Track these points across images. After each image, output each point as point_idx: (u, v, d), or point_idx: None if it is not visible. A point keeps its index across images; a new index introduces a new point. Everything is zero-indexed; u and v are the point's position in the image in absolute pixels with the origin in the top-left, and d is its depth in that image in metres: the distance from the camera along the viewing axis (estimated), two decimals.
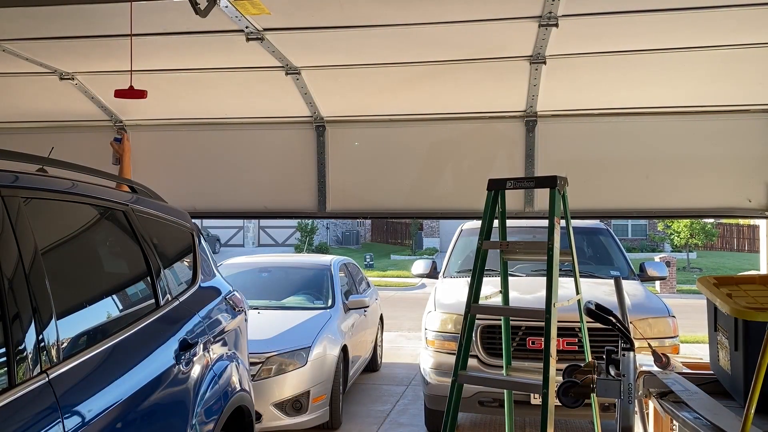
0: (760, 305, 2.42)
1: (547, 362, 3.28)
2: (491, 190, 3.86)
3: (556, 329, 3.39)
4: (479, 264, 3.76)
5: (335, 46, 3.85)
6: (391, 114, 4.80)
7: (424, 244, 33.85)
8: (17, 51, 3.90)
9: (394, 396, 7.64)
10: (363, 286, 8.89)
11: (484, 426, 6.34)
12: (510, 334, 4.34)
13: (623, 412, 2.59)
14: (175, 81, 4.38)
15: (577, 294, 4.01)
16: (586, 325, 4.07)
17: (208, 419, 3.08)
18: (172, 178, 4.95)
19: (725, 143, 4.51)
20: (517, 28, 3.53)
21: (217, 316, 3.57)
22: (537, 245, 4.21)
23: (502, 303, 4.19)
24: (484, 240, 3.80)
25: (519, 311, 4.66)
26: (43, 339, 2.08)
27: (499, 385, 4.43)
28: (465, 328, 3.68)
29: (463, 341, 3.66)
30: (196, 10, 2.95)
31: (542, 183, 3.79)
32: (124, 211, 2.97)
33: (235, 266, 8.00)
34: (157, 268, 3.04)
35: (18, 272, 2.06)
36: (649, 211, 4.75)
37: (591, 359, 2.98)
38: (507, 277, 4.21)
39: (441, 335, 5.70)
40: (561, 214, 3.69)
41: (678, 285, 19.82)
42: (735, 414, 2.39)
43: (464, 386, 3.70)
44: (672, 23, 3.43)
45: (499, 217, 3.97)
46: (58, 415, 2.02)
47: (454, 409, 3.61)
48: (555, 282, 3.44)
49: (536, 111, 4.58)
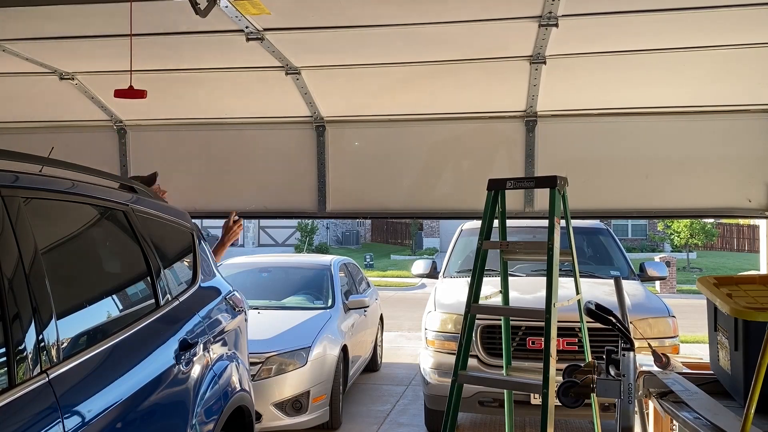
0: (760, 305, 2.42)
1: (547, 362, 3.28)
2: (491, 190, 3.86)
3: (556, 329, 3.39)
4: (479, 264, 3.76)
5: (335, 46, 3.85)
6: (391, 114, 4.80)
7: (424, 244, 33.87)
8: (17, 51, 3.90)
9: (394, 396, 7.64)
10: (363, 286, 8.89)
11: (484, 426, 6.34)
12: (510, 334, 4.34)
13: (623, 412, 2.59)
14: (175, 81, 4.38)
15: (577, 294, 4.01)
16: (586, 325, 4.07)
17: (208, 419, 3.08)
18: (172, 179, 4.95)
19: (725, 143, 4.51)
20: (517, 28, 3.53)
21: (217, 316, 3.57)
22: (537, 245, 4.21)
23: (502, 303, 4.19)
24: (484, 240, 3.80)
25: (519, 311, 4.66)
26: (43, 339, 2.08)
27: (499, 385, 4.43)
28: (465, 328, 3.68)
29: (463, 341, 3.66)
30: (196, 10, 2.95)
31: (542, 183, 3.80)
32: (124, 211, 2.97)
33: (235, 266, 8.00)
34: (157, 268, 3.04)
35: (18, 272, 2.06)
36: (649, 211, 4.75)
37: (591, 359, 2.98)
38: (507, 277, 4.21)
39: (441, 335, 5.70)
40: (561, 214, 3.69)
41: (678, 285, 19.83)
42: (735, 414, 2.39)
43: (464, 386, 3.71)
44: (672, 23, 3.43)
45: (499, 217, 3.97)
46: (58, 415, 2.01)
47: (454, 409, 3.61)
48: (555, 282, 3.44)
49: (536, 111, 4.58)
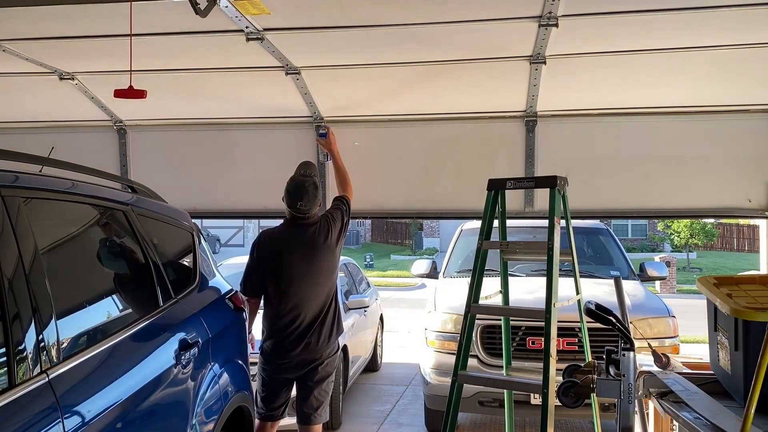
0: (760, 305, 2.42)
1: (547, 362, 3.28)
2: (491, 190, 3.86)
3: (556, 329, 3.39)
4: (479, 264, 3.76)
5: (335, 46, 3.85)
6: (391, 114, 4.80)
7: (424, 244, 33.87)
8: (17, 51, 3.90)
9: (394, 396, 7.64)
10: (363, 286, 8.89)
11: (484, 426, 6.34)
12: (510, 334, 4.34)
13: (623, 412, 2.59)
14: (175, 81, 4.38)
15: (577, 294, 4.01)
16: (586, 325, 4.07)
17: (208, 419, 3.08)
18: (173, 179, 4.95)
19: (725, 143, 4.51)
20: (517, 28, 3.53)
21: (217, 315, 3.57)
22: (537, 245, 4.21)
23: (502, 303, 4.19)
24: (484, 240, 3.80)
25: (519, 311, 4.66)
26: (43, 339, 2.08)
27: (499, 385, 4.42)
28: (465, 328, 3.68)
29: (463, 341, 3.66)
30: (196, 10, 2.95)
31: (542, 183, 3.80)
32: (123, 211, 2.97)
33: (235, 266, 7.99)
34: (157, 268, 3.04)
35: (18, 272, 2.06)
36: (649, 211, 4.75)
37: (591, 359, 2.98)
38: (507, 277, 4.20)
39: (441, 335, 5.70)
40: (561, 214, 3.69)
41: (678, 285, 19.83)
42: (735, 414, 2.39)
43: (464, 386, 3.71)
44: (671, 23, 3.43)
45: (499, 217, 3.96)
46: (58, 415, 2.01)
47: (454, 409, 3.61)
48: (555, 282, 3.44)
49: (536, 111, 4.58)
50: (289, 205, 4.11)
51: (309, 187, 4.09)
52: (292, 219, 4.16)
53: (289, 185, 4.12)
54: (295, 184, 4.11)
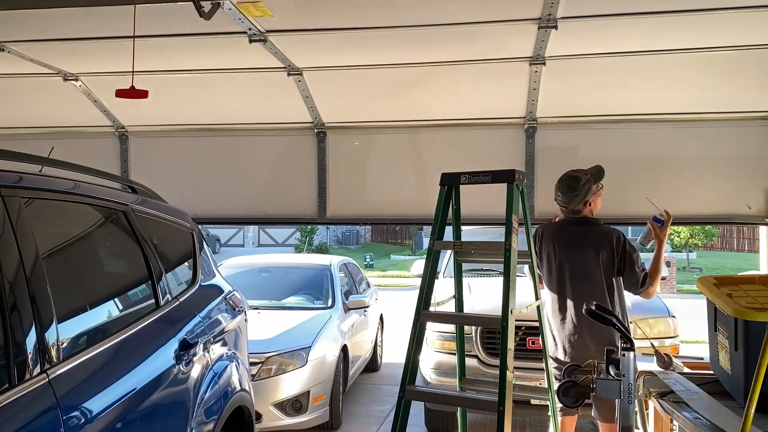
0: (760, 305, 2.43)
1: (504, 375, 3.08)
2: (444, 185, 3.63)
3: (517, 330, 3.15)
4: (431, 266, 3.54)
5: (337, 48, 3.86)
6: (391, 120, 4.81)
7: (424, 245, 33.84)
8: (22, 52, 3.91)
9: (394, 396, 7.56)
10: (363, 286, 8.89)
11: (484, 426, 6.34)
12: (464, 341, 4.12)
13: (623, 412, 2.59)
14: (177, 83, 4.39)
15: (537, 300, 3.79)
16: None
17: (208, 419, 3.09)
18: (173, 184, 4.95)
19: (725, 150, 4.52)
20: (516, 30, 3.54)
21: (217, 316, 3.57)
22: (493, 245, 3.76)
23: (455, 309, 3.97)
24: (436, 240, 3.59)
25: (473, 319, 4.43)
26: (44, 339, 2.08)
27: (450, 401, 3.98)
28: (414, 338, 3.44)
29: (412, 352, 3.44)
30: (200, 13, 2.96)
31: (499, 177, 3.50)
32: (124, 212, 2.97)
33: (235, 266, 8.01)
34: (157, 268, 3.04)
35: (18, 272, 2.06)
36: (648, 218, 4.74)
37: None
38: (461, 280, 3.99)
39: (441, 335, 5.69)
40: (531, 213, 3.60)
41: (678, 285, 19.80)
42: (735, 414, 2.40)
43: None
44: (670, 25, 3.43)
45: (452, 215, 3.76)
46: (58, 415, 2.02)
47: (400, 429, 3.35)
48: (513, 286, 3.23)
49: (536, 117, 4.60)
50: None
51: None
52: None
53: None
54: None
